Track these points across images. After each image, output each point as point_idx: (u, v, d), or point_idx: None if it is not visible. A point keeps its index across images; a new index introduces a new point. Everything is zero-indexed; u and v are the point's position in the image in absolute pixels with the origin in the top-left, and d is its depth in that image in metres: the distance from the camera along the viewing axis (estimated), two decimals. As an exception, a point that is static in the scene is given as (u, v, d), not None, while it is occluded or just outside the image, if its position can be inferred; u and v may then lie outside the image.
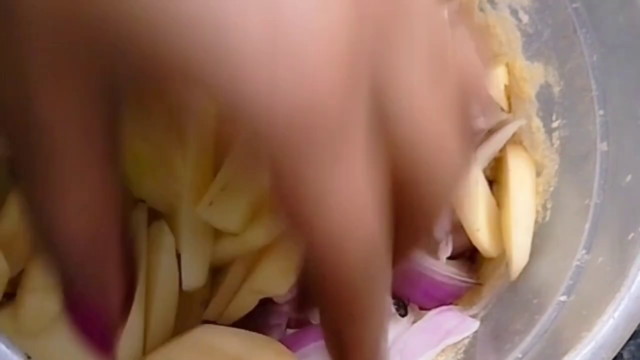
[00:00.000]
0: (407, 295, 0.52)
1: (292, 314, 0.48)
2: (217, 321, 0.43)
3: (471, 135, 0.19)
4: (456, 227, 0.52)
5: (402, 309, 0.52)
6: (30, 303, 0.39)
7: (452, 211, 0.52)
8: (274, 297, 0.45)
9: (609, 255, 0.45)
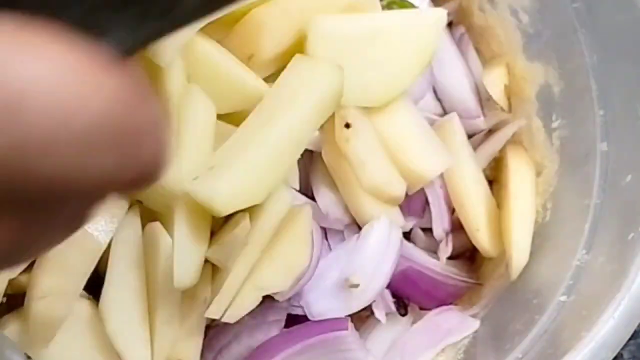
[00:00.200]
0: (407, 295, 0.52)
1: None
2: (221, 319, 0.43)
3: None
4: (456, 227, 0.53)
5: (402, 308, 0.52)
6: (38, 311, 0.39)
7: (452, 211, 0.52)
8: (276, 295, 0.45)
9: (609, 255, 0.45)
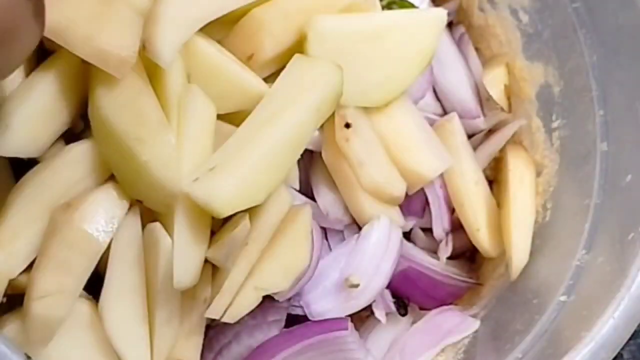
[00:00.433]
0: (407, 295, 0.52)
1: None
2: (221, 319, 0.43)
3: None
4: (456, 227, 0.53)
5: (402, 308, 0.52)
6: (37, 311, 0.39)
7: (452, 211, 0.52)
8: (276, 295, 0.45)
9: (609, 255, 0.45)
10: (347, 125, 0.46)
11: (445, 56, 0.56)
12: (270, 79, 0.45)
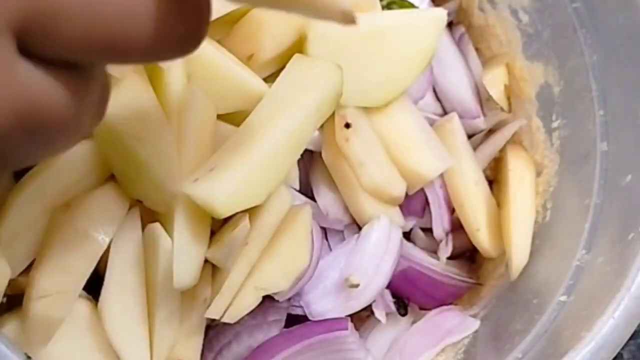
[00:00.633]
0: (407, 295, 0.52)
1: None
2: (221, 319, 0.43)
3: None
4: (456, 227, 0.53)
5: (402, 308, 0.52)
6: (36, 312, 0.39)
7: (452, 211, 0.52)
8: (276, 295, 0.45)
9: (609, 255, 0.45)
10: (347, 125, 0.46)
11: (445, 56, 0.56)
12: (270, 79, 0.45)
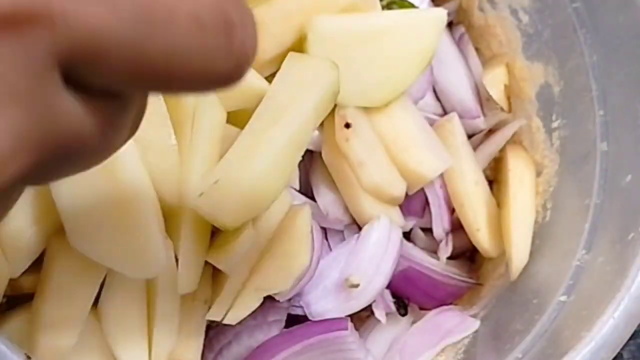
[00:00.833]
0: (407, 295, 0.52)
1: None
2: (222, 321, 0.43)
3: None
4: (456, 227, 0.53)
5: (402, 308, 0.52)
6: (45, 341, 0.39)
7: (452, 211, 0.52)
8: (277, 295, 0.45)
9: (609, 255, 0.45)
10: (347, 125, 0.46)
11: (445, 56, 0.56)
12: (270, 78, 0.45)
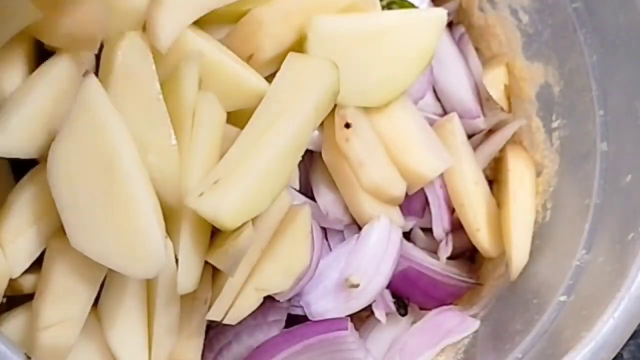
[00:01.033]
0: (407, 295, 0.52)
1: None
2: (222, 321, 0.43)
3: None
4: (456, 227, 0.53)
5: (402, 309, 0.52)
6: (44, 342, 0.39)
7: (452, 211, 0.52)
8: (277, 295, 0.45)
9: (609, 255, 0.45)
10: (347, 125, 0.46)
11: (445, 56, 0.56)
12: (271, 78, 0.45)
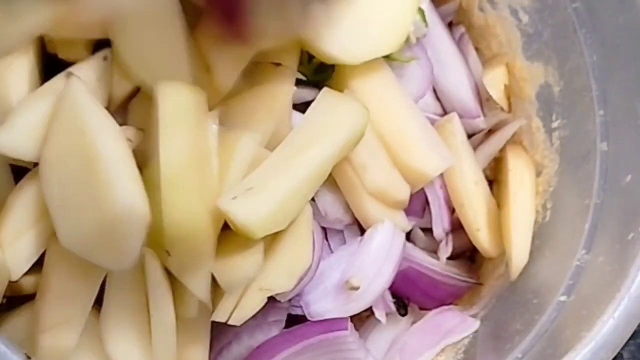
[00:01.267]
0: (407, 295, 0.52)
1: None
2: (227, 322, 0.43)
3: None
4: (456, 227, 0.53)
5: (402, 308, 0.52)
6: (45, 344, 0.39)
7: (452, 211, 0.52)
8: (278, 295, 0.45)
9: (609, 255, 0.45)
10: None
11: (446, 56, 0.56)
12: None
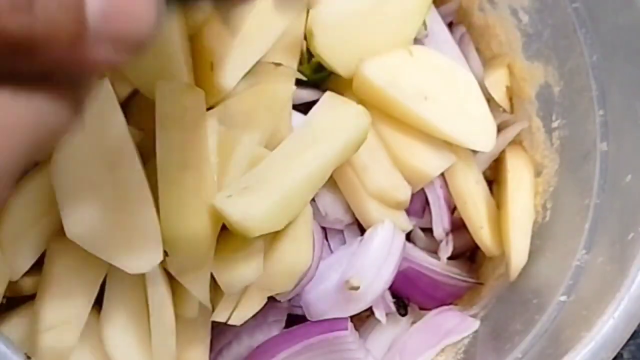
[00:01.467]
0: (407, 295, 0.52)
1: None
2: (227, 322, 0.43)
3: None
4: (456, 227, 0.53)
5: (402, 309, 0.52)
6: (46, 344, 0.39)
7: (452, 211, 0.52)
8: (278, 295, 0.45)
9: (609, 255, 0.45)
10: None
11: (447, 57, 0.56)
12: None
